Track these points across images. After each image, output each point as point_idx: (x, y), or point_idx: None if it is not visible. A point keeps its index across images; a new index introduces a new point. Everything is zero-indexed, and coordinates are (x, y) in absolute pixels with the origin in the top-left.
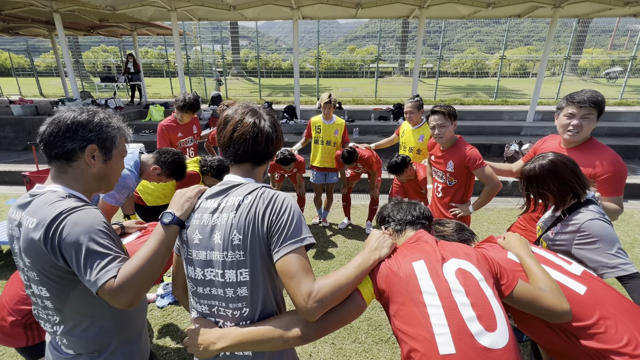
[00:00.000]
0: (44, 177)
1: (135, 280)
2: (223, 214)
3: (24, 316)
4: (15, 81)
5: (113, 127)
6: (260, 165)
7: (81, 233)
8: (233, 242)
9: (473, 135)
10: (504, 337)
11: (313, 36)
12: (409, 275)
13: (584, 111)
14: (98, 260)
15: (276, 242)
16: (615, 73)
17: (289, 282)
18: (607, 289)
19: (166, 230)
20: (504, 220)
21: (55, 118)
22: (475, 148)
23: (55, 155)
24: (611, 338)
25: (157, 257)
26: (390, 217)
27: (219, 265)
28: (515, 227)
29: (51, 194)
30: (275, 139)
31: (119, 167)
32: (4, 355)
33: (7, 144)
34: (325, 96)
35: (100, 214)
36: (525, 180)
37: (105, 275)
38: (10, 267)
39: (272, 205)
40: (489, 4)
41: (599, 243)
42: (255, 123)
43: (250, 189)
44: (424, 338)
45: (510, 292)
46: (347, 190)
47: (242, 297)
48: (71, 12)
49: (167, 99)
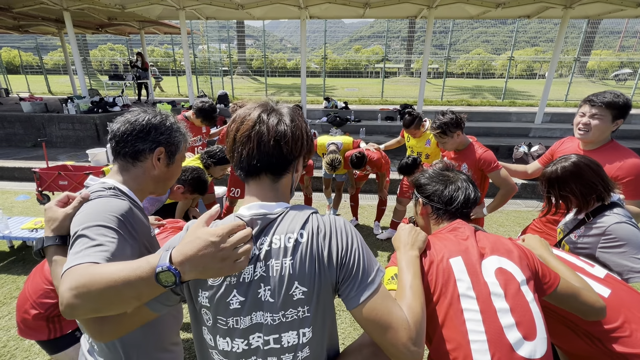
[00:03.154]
0: (53, 173)
1: (83, 286)
2: (273, 262)
3: (46, 309)
4: (24, 79)
5: (180, 133)
6: (281, 177)
7: (87, 218)
8: (294, 296)
9: (481, 136)
10: (542, 345)
11: (318, 36)
12: (446, 273)
13: (594, 110)
14: (84, 243)
15: (351, 287)
16: (624, 75)
17: (384, 333)
18: (632, 292)
19: (152, 287)
20: (513, 222)
21: (130, 118)
22: (490, 150)
23: (124, 154)
24: (636, 342)
25: (111, 292)
26: (437, 196)
27: (272, 329)
28: (531, 229)
29: (100, 184)
30: (292, 138)
31: (178, 172)
32: (33, 346)
33: (17, 140)
34: (327, 160)
35: (124, 204)
36: (546, 182)
37: (75, 260)
38: (22, 262)
39: (336, 240)
40: (499, 4)
41: (626, 247)
42: (261, 117)
43: (300, 220)
44: (458, 343)
45: (554, 289)
46: (355, 190)
47: (302, 359)
48: (81, 10)
49: (174, 97)
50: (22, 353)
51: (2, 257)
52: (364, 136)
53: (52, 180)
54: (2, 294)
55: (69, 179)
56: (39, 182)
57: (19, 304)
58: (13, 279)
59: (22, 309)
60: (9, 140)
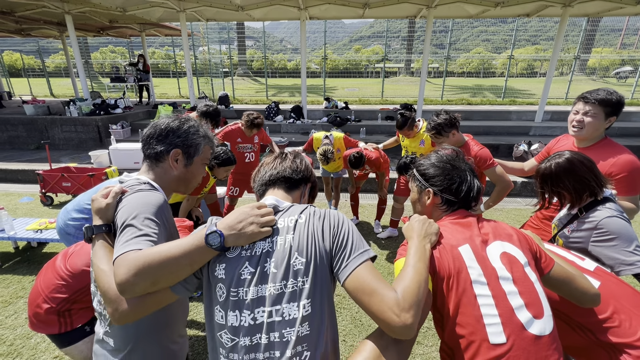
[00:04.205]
0: (56, 175)
1: (144, 266)
2: (278, 238)
3: (58, 304)
4: (26, 82)
5: (199, 135)
6: (292, 190)
7: (133, 209)
8: (294, 267)
9: (481, 135)
10: (549, 322)
11: (319, 36)
12: (456, 261)
13: (588, 108)
14: (132, 233)
15: (342, 258)
16: (625, 72)
17: (370, 299)
18: (621, 284)
19: (203, 251)
20: (513, 220)
21: (155, 123)
22: (486, 148)
23: (148, 155)
24: (625, 332)
25: (171, 263)
26: (449, 188)
27: (274, 300)
28: (528, 226)
29: (135, 180)
30: (305, 166)
31: (199, 172)
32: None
33: (20, 143)
34: (320, 151)
35: (160, 197)
36: (540, 178)
37: (127, 247)
38: (27, 262)
39: (329, 220)
40: (498, 3)
41: (617, 240)
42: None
43: (300, 208)
44: (474, 327)
45: (549, 270)
46: (355, 189)
47: (303, 336)
48: (82, 13)
49: (174, 99)
50: (29, 351)
51: (8, 258)
52: (364, 136)
53: (56, 182)
54: (7, 293)
55: (72, 181)
56: (43, 184)
57: (31, 299)
58: (18, 279)
59: (34, 303)
60: (12, 142)
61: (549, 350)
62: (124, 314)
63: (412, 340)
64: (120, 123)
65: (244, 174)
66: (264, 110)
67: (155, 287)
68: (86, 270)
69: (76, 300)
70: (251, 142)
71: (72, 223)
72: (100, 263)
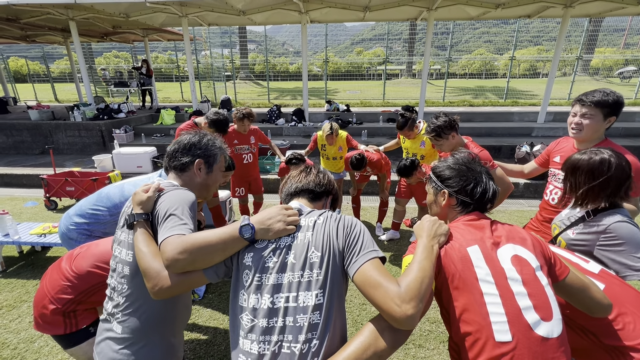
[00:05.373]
0: (60, 179)
1: (188, 247)
2: (298, 234)
3: (64, 304)
4: (31, 87)
5: (216, 147)
6: (316, 201)
7: (175, 203)
8: (311, 259)
9: (483, 136)
10: (558, 326)
11: (320, 39)
12: (463, 260)
13: (585, 110)
14: (175, 221)
15: (352, 255)
16: (629, 72)
17: (375, 292)
18: (625, 287)
19: (236, 240)
20: (516, 222)
21: (178, 139)
22: (485, 150)
23: (174, 167)
24: (629, 335)
25: (209, 247)
26: (465, 191)
27: (291, 287)
28: (528, 228)
29: (168, 182)
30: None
31: (217, 179)
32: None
33: (24, 147)
34: (326, 128)
35: (193, 195)
36: (569, 168)
37: (173, 231)
38: (31, 267)
39: (343, 222)
40: (498, 4)
41: (625, 245)
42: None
43: (320, 212)
44: (480, 325)
45: (564, 277)
46: (356, 192)
47: (313, 324)
48: (86, 19)
49: (177, 103)
50: (32, 355)
51: (12, 262)
52: (366, 138)
53: (60, 187)
54: (12, 297)
55: (76, 185)
56: (47, 188)
57: (37, 300)
58: (22, 283)
59: (40, 304)
60: (17, 147)
61: (556, 353)
62: (162, 289)
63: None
64: (124, 127)
65: (244, 175)
66: (265, 114)
67: (192, 267)
68: (91, 271)
69: (81, 301)
70: (247, 142)
71: (74, 228)
72: (142, 246)
